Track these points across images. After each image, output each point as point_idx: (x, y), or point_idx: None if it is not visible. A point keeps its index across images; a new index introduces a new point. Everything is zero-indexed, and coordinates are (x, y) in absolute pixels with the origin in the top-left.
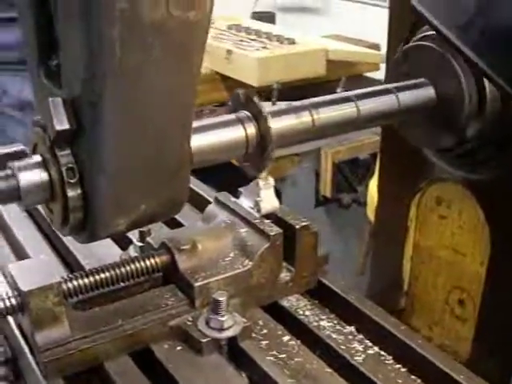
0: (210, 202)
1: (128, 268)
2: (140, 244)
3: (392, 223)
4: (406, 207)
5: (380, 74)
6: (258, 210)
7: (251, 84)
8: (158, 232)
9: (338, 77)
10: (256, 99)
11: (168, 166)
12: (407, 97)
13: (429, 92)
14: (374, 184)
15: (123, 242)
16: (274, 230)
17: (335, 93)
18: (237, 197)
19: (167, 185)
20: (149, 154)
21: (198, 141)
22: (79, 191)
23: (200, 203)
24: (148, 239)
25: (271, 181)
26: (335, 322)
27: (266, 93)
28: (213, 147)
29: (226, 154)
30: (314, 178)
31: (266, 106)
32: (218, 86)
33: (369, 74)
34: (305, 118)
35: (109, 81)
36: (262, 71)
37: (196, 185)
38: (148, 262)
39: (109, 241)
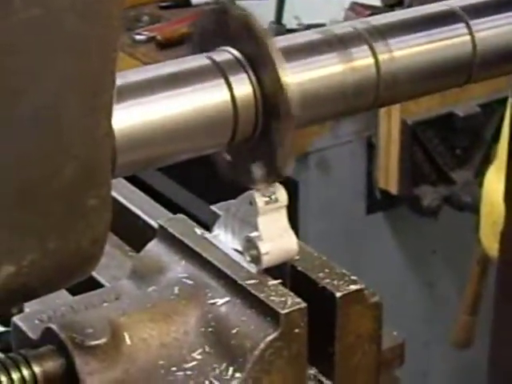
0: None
1: None
2: None
3: None
4: None
5: None
6: (255, 259)
7: None
8: (41, 304)
9: None
10: (254, 20)
11: (65, 180)
12: None
13: None
14: (494, 173)
15: None
16: (288, 302)
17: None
18: (209, 225)
19: (64, 217)
20: (26, 158)
21: (128, 121)
22: None
23: (139, 236)
24: (16, 319)
25: (281, 195)
26: None
27: None
28: (163, 131)
29: (190, 143)
30: (366, 158)
31: (279, 37)
32: None
33: None
34: (363, 60)
35: None
36: None
37: (132, 197)
38: (13, 376)
39: None
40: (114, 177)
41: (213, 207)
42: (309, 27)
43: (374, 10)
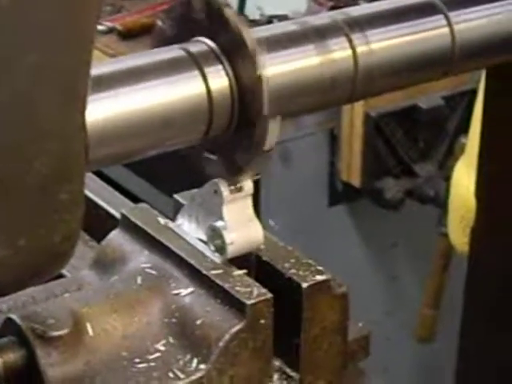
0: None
1: None
2: None
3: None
4: None
5: None
6: (219, 249)
7: None
8: None
9: None
10: (230, 9)
11: (38, 174)
12: None
13: None
14: (463, 168)
15: None
16: (253, 292)
17: None
18: (172, 214)
19: (36, 212)
20: None
21: (101, 114)
22: None
23: (100, 226)
24: None
25: (247, 184)
26: None
27: None
28: (136, 124)
29: (163, 137)
30: (328, 150)
31: (255, 28)
32: None
33: None
34: (340, 52)
35: None
36: None
37: (93, 187)
38: None
39: None
40: (86, 171)
41: (176, 196)
42: (271, 18)
43: (337, 2)
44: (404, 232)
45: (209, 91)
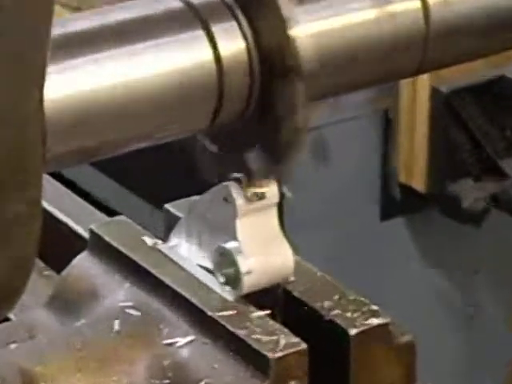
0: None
1: None
2: None
3: None
4: None
5: None
6: (232, 280)
7: None
8: None
9: None
10: None
11: None
12: None
13: None
14: None
15: None
16: (280, 342)
17: None
18: (163, 231)
19: None
20: None
21: (66, 90)
22: None
23: (60, 247)
24: None
25: (271, 191)
26: None
27: None
28: (115, 104)
29: (153, 124)
30: (380, 140)
31: None
32: None
33: None
34: (402, 3)
35: None
36: None
37: (51, 195)
38: None
39: None
40: (44, 171)
41: (168, 206)
42: None
43: None
44: (487, 254)
45: (218, 59)
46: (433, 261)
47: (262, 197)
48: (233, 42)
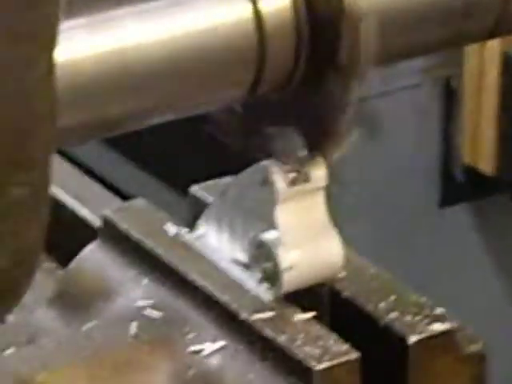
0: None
1: None
2: None
3: None
4: None
5: None
6: (270, 277)
7: None
8: None
9: None
10: None
11: None
12: None
13: None
14: None
15: None
16: (328, 350)
17: None
18: (188, 218)
19: None
20: None
21: (82, 50)
22: None
23: (66, 237)
24: None
25: (317, 173)
26: None
27: None
28: (137, 67)
29: (182, 90)
30: (441, 114)
31: None
32: None
33: None
34: None
35: None
36: None
37: (64, 179)
38: None
39: None
40: (55, 150)
41: (195, 189)
42: None
43: None
44: None
45: (258, 16)
46: (504, 256)
47: (306, 179)
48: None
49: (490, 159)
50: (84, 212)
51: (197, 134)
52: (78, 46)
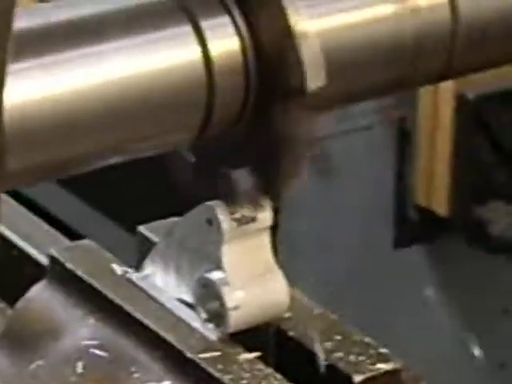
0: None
1: None
2: None
3: None
4: None
5: None
6: (216, 316)
7: None
8: None
9: None
10: None
11: None
12: None
13: None
14: None
15: None
16: None
17: None
18: (135, 258)
19: None
20: None
21: (30, 93)
22: None
23: (13, 276)
24: None
25: (263, 214)
26: None
27: None
28: (87, 110)
29: (131, 133)
30: (394, 155)
31: None
32: None
33: None
34: None
35: None
36: None
37: (13, 219)
38: None
39: None
40: (1, 190)
41: (142, 228)
42: None
43: None
44: None
45: (207, 59)
46: (455, 297)
47: (252, 220)
48: (225, 40)
49: (444, 200)
50: (32, 251)
51: (147, 173)
52: (27, 89)
